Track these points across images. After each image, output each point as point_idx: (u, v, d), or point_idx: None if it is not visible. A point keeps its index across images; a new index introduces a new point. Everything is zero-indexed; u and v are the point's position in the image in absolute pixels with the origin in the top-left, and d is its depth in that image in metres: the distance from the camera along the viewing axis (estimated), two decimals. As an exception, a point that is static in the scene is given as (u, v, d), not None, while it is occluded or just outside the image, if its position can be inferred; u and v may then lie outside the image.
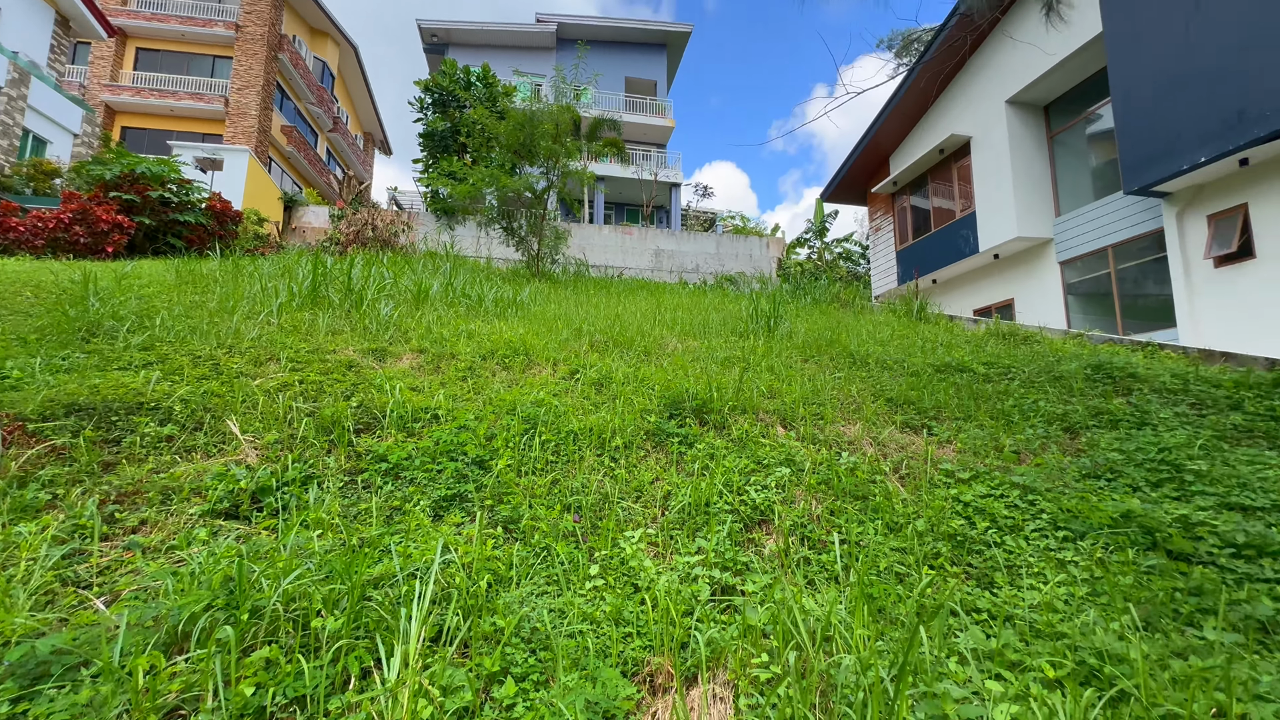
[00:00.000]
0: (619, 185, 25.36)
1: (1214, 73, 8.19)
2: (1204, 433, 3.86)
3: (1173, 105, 8.71)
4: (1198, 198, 9.04)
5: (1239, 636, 2.18)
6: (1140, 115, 9.21)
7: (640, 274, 18.84)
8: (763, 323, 6.45)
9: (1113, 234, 10.57)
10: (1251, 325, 8.19)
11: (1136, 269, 10.34)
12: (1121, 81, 9.56)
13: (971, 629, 2.07)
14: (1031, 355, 5.85)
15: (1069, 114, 11.93)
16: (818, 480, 3.14)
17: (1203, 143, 8.28)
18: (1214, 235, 8.75)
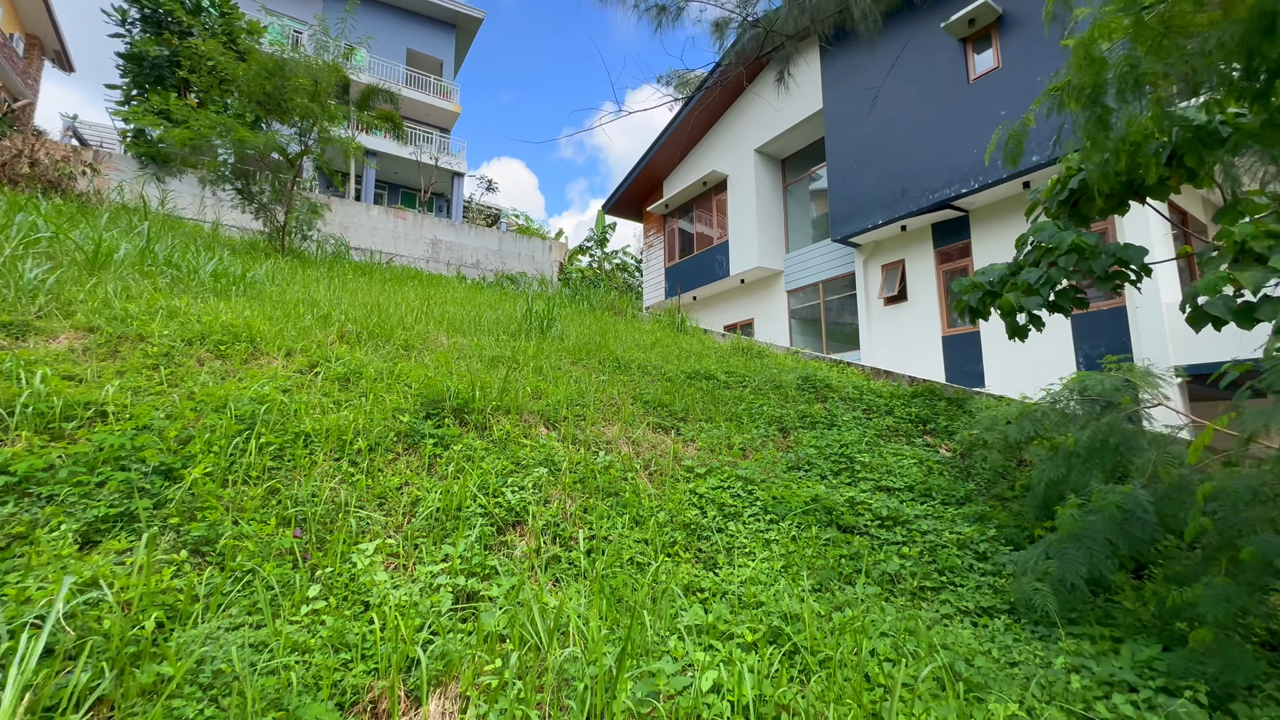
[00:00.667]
0: (394, 165, 23.21)
1: (888, 158, 10.74)
2: (869, 432, 4.96)
3: (864, 177, 11.18)
4: (876, 251, 11.74)
5: (878, 588, 2.83)
6: (844, 181, 11.62)
7: (414, 263, 17.45)
8: (536, 324, 6.47)
9: (823, 272, 13.11)
10: (904, 351, 10.90)
11: (838, 301, 12.99)
12: (834, 151, 11.95)
13: (694, 608, 2.31)
14: (762, 367, 6.90)
15: (798, 170, 14.50)
16: (574, 479, 3.23)
17: (879, 209, 10.78)
18: (884, 281, 11.44)
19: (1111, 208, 4.33)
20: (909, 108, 10.54)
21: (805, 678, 1.90)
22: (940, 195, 9.77)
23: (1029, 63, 8.67)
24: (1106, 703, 2.02)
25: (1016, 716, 1.84)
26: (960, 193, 9.47)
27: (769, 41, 4.77)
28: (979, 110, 9.30)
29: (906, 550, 3.19)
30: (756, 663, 1.85)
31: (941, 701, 1.78)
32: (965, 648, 2.27)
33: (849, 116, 11.69)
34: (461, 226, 18.98)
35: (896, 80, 10.66)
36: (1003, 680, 2.09)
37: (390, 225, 17.61)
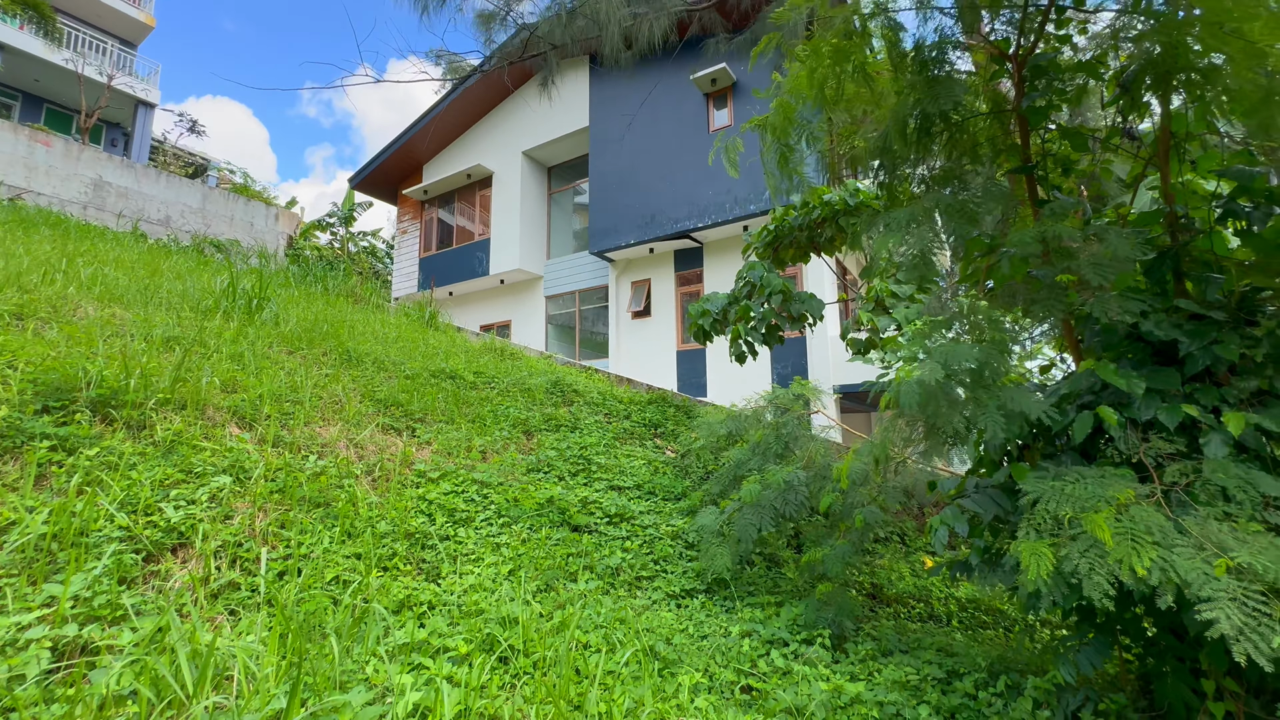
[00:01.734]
0: (34, 69, 17.11)
1: (643, 184, 11.77)
2: (608, 435, 5.27)
3: (622, 198, 12.03)
4: (628, 267, 12.71)
5: (600, 582, 2.98)
6: (604, 198, 12.34)
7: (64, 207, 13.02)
8: (244, 302, 5.36)
9: (581, 281, 13.69)
10: (646, 362, 11.98)
11: (593, 311, 13.68)
12: (596, 169, 12.60)
13: (409, 624, 2.12)
14: (513, 369, 6.84)
15: (564, 180, 14.93)
16: (272, 489, 2.72)
17: (632, 230, 11.72)
18: (633, 296, 12.45)
19: (799, 256, 5.39)
20: (662, 142, 11.71)
21: (517, 682, 1.88)
22: (681, 225, 11.04)
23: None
24: (766, 659, 2.45)
25: (699, 683, 2.10)
26: (697, 226, 10.84)
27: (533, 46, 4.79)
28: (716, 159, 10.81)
29: (629, 544, 3.44)
30: (467, 675, 1.76)
31: (639, 682, 1.94)
32: (667, 629, 2.52)
33: (612, 139, 12.48)
34: (145, 170, 14.90)
35: (654, 115, 11.76)
36: (694, 653, 2.37)
37: (22, 149, 12.93)
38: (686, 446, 5.54)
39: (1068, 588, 1.69)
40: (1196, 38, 1.86)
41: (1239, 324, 2.08)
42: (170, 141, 22.68)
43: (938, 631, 3.21)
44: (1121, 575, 1.54)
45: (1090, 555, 1.62)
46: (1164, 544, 1.58)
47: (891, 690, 2.29)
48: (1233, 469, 1.77)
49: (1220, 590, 1.44)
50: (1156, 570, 1.52)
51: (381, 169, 16.42)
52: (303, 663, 1.62)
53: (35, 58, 16.51)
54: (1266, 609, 1.42)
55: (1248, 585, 1.45)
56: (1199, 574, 1.47)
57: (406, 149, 15.92)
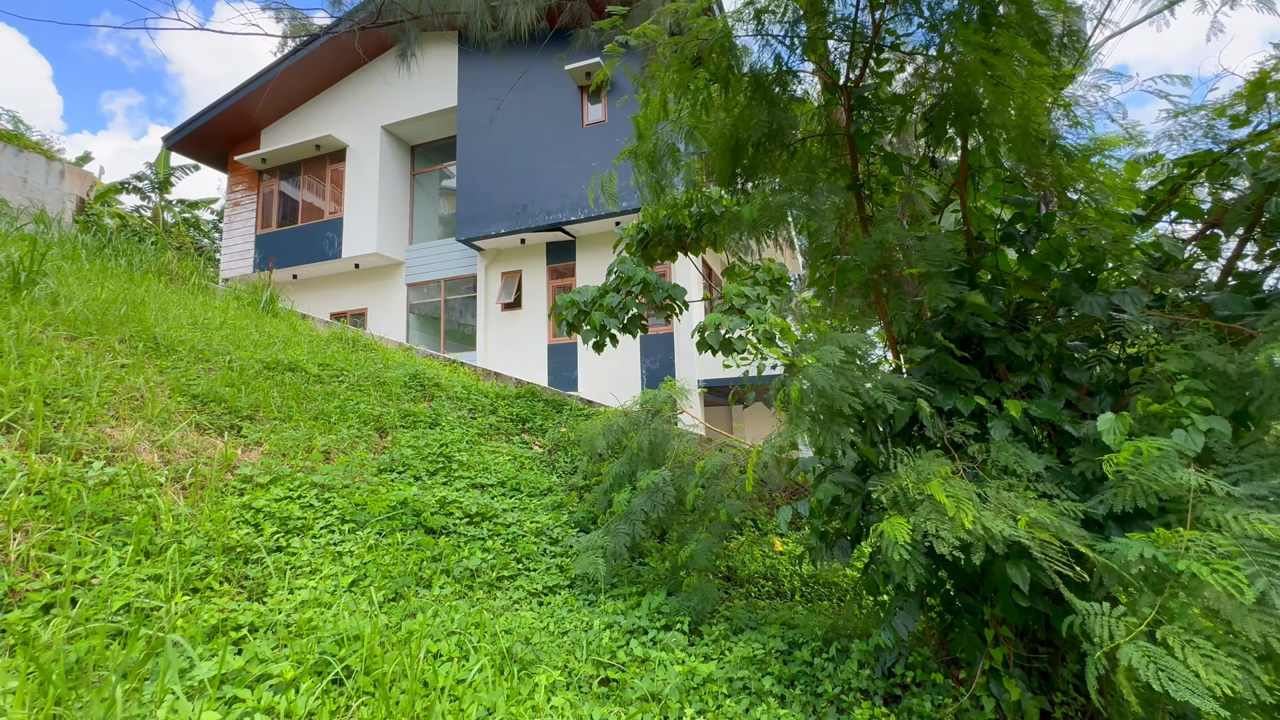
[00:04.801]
0: None
1: (514, 173, 11.42)
2: (471, 431, 5.04)
3: (492, 185, 11.57)
4: (498, 258, 12.28)
5: (457, 586, 2.84)
6: (473, 184, 11.78)
7: None
8: (5, 275, 4.34)
9: (447, 270, 12.97)
10: (516, 355, 11.67)
11: (460, 301, 13.02)
12: (465, 153, 11.99)
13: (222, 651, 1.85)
14: (366, 361, 6.29)
15: (429, 161, 14.02)
16: (37, 504, 2.23)
17: (503, 219, 11.34)
18: (503, 287, 12.06)
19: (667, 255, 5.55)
20: (536, 131, 11.43)
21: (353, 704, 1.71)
22: (554, 218, 10.88)
23: (627, 126, 10.53)
24: (626, 649, 2.48)
25: (557, 681, 2.07)
26: (569, 219, 10.75)
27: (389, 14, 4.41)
28: (589, 152, 10.77)
29: (490, 544, 3.31)
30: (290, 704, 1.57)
31: (493, 688, 1.86)
32: (526, 628, 2.46)
33: (483, 123, 11.94)
34: None
35: (528, 103, 11.44)
36: (553, 650, 2.34)
37: None
38: (555, 441, 5.48)
39: (923, 554, 1.91)
40: (981, 83, 2.18)
41: (1015, 329, 2.48)
42: (-100, 67, 17.80)
43: (782, 607, 3.48)
44: (956, 531, 1.77)
45: (934, 519, 1.84)
46: (976, 507, 1.85)
47: (740, 666, 2.43)
48: (1011, 449, 2.12)
49: (1025, 538, 1.72)
50: (979, 527, 1.76)
51: (208, 128, 14.26)
52: (66, 715, 1.33)
53: None
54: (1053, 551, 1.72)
55: (1035, 534, 1.75)
56: (1004, 528, 1.73)
57: (240, 109, 13.96)
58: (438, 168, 13.90)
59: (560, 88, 11.32)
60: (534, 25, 4.67)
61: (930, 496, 1.88)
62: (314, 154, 13.82)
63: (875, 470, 2.36)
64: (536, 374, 11.20)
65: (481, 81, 12.15)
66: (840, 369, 2.20)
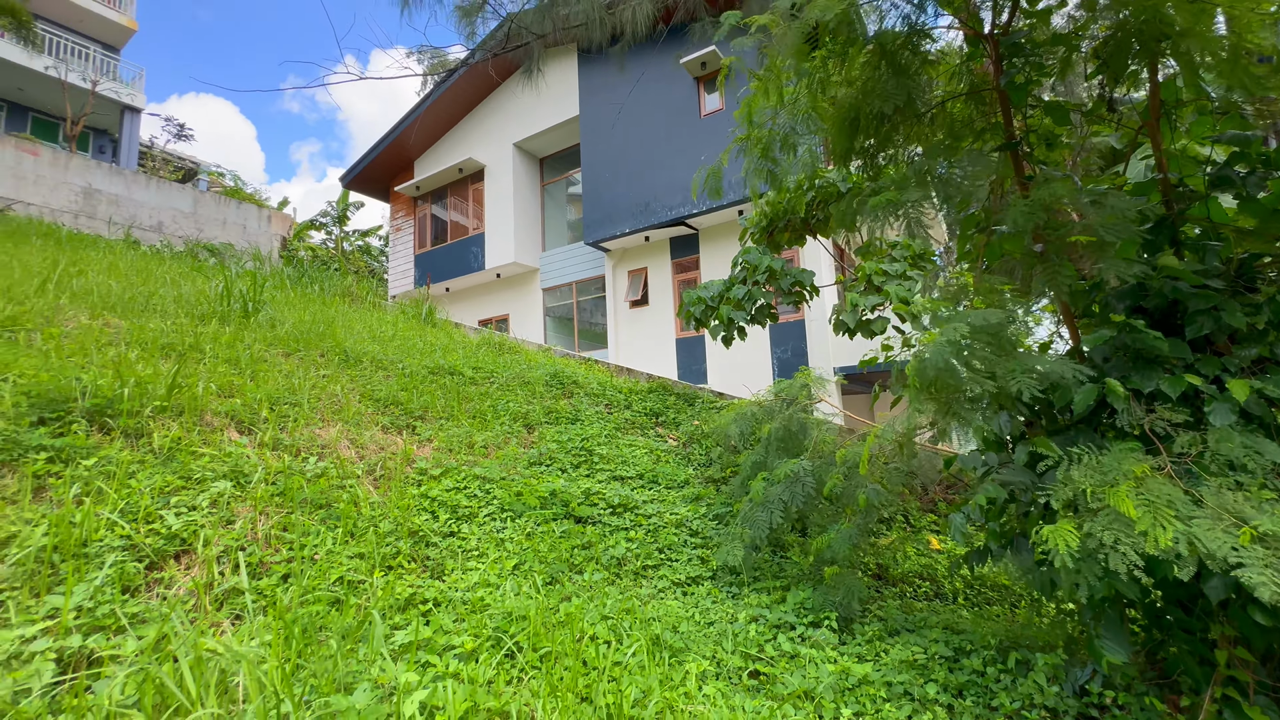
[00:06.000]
0: (19, 78, 16.93)
1: (635, 172, 11.67)
2: (609, 425, 5.27)
3: (615, 187, 11.94)
4: (624, 257, 12.65)
5: (605, 573, 2.99)
6: (597, 188, 12.25)
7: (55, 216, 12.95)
8: (239, 306, 5.33)
9: (577, 273, 13.63)
10: (645, 351, 11.96)
11: (590, 302, 13.63)
12: (588, 158, 12.50)
13: (415, 622, 2.12)
14: (512, 363, 6.82)
15: (556, 171, 14.81)
16: (272, 492, 2.72)
17: (627, 219, 11.65)
18: (630, 285, 12.40)
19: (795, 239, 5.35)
20: (654, 129, 11.59)
21: (524, 677, 1.89)
22: (676, 213, 10.96)
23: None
24: (774, 643, 2.45)
25: (707, 670, 2.10)
26: (691, 213, 10.77)
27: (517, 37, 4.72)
28: (708, 143, 10.70)
29: (633, 534, 3.44)
30: (473, 671, 1.77)
31: (646, 672, 1.94)
32: (673, 617, 2.52)
33: (603, 127, 12.36)
34: (135, 176, 14.81)
35: (645, 102, 11.64)
36: (700, 640, 2.38)
37: (9, 159, 12.82)
38: (689, 434, 5.54)
39: (1099, 569, 1.67)
40: (1171, 1, 1.83)
41: (1238, 291, 2.05)
42: (159, 146, 22.51)
43: (944, 610, 3.22)
44: (1147, 548, 1.53)
45: (1114, 529, 1.61)
46: (1182, 516, 1.57)
47: (899, 670, 2.29)
48: (1239, 438, 1.76)
49: (1253, 557, 1.43)
50: (1184, 542, 1.50)
51: (372, 166, 16.30)
52: (306, 666, 1.62)
53: (16, 66, 16.34)
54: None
55: (1275, 551, 1.44)
56: (1222, 544, 1.46)
57: (396, 145, 15.78)
58: (563, 176, 14.63)
59: (676, 82, 11.36)
60: (651, 25, 4.74)
61: (1111, 504, 1.62)
62: (457, 177, 15.22)
63: (1052, 465, 2.09)
64: (666, 368, 11.39)
65: (600, 88, 12.57)
66: (969, 347, 1.98)
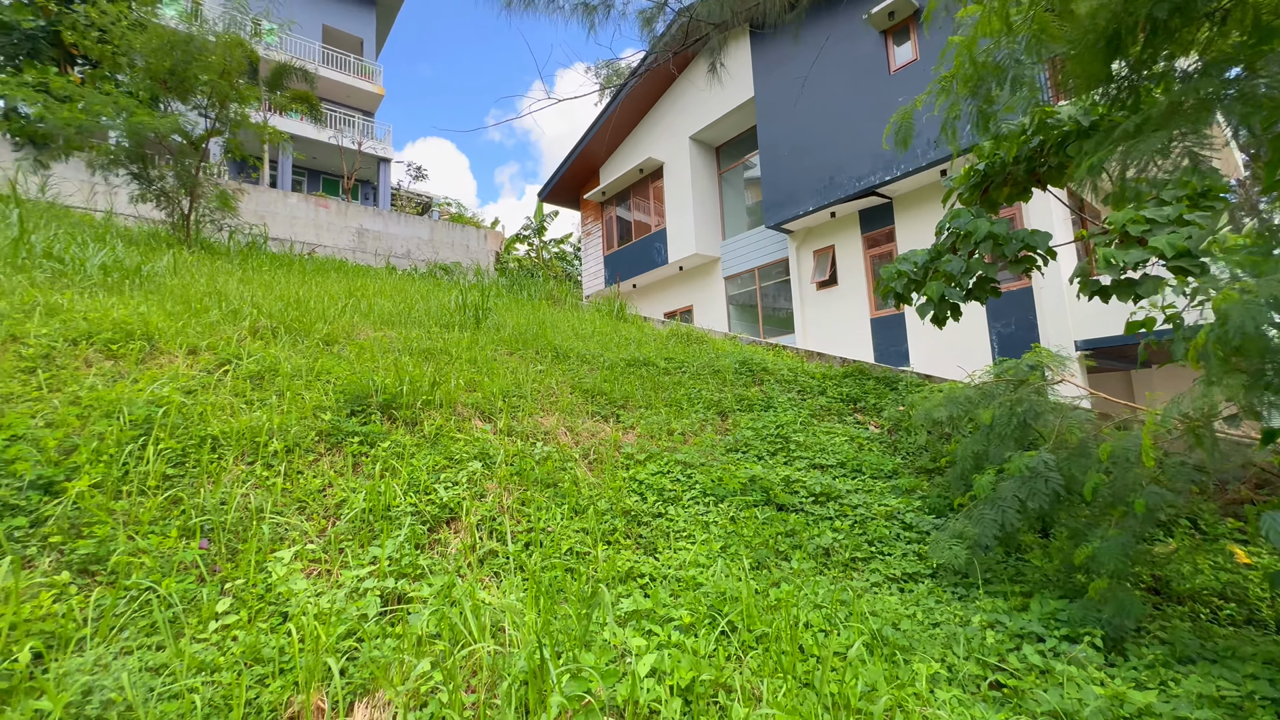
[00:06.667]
0: (313, 149, 21.87)
1: (817, 146, 11.05)
2: (803, 412, 5.11)
3: (795, 165, 11.46)
4: (808, 237, 12.09)
5: (813, 562, 2.92)
6: (776, 168, 11.87)
7: (339, 254, 16.55)
8: (471, 315, 6.27)
9: (759, 258, 13.40)
10: (836, 333, 11.32)
11: (773, 287, 13.32)
12: (765, 139, 12.17)
13: (634, 594, 2.31)
14: (700, 353, 6.98)
15: (732, 157, 14.70)
16: (511, 472, 3.16)
17: (810, 196, 11.10)
18: (816, 266, 11.81)
19: (1017, 194, 4.61)
20: (836, 97, 10.85)
21: (742, 655, 1.94)
22: (866, 182, 10.14)
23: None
24: (1018, 654, 2.17)
25: (938, 674, 1.94)
26: (884, 180, 9.87)
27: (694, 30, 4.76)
28: (900, 100, 9.70)
29: (839, 524, 3.31)
30: (694, 644, 1.86)
31: (869, 666, 1.85)
32: (892, 613, 2.37)
33: (779, 105, 11.93)
34: (390, 215, 18.16)
35: (823, 70, 10.95)
36: (926, 641, 2.20)
37: (311, 214, 16.62)
38: (893, 420, 5.13)
39: None
40: None
41: None
42: (404, 188, 27.34)
43: (1261, 639, 2.53)
44: None
45: None
46: None
47: (1198, 705, 1.87)
48: None
49: None
50: None
51: (563, 180, 17.85)
52: (554, 622, 1.86)
53: (311, 139, 21.09)
54: None
55: None
56: None
57: (583, 157, 17.07)
58: (740, 162, 14.45)
59: (859, 41, 10.50)
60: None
61: None
62: (638, 177, 15.94)
63: None
64: (860, 350, 10.66)
65: (774, 65, 12.14)
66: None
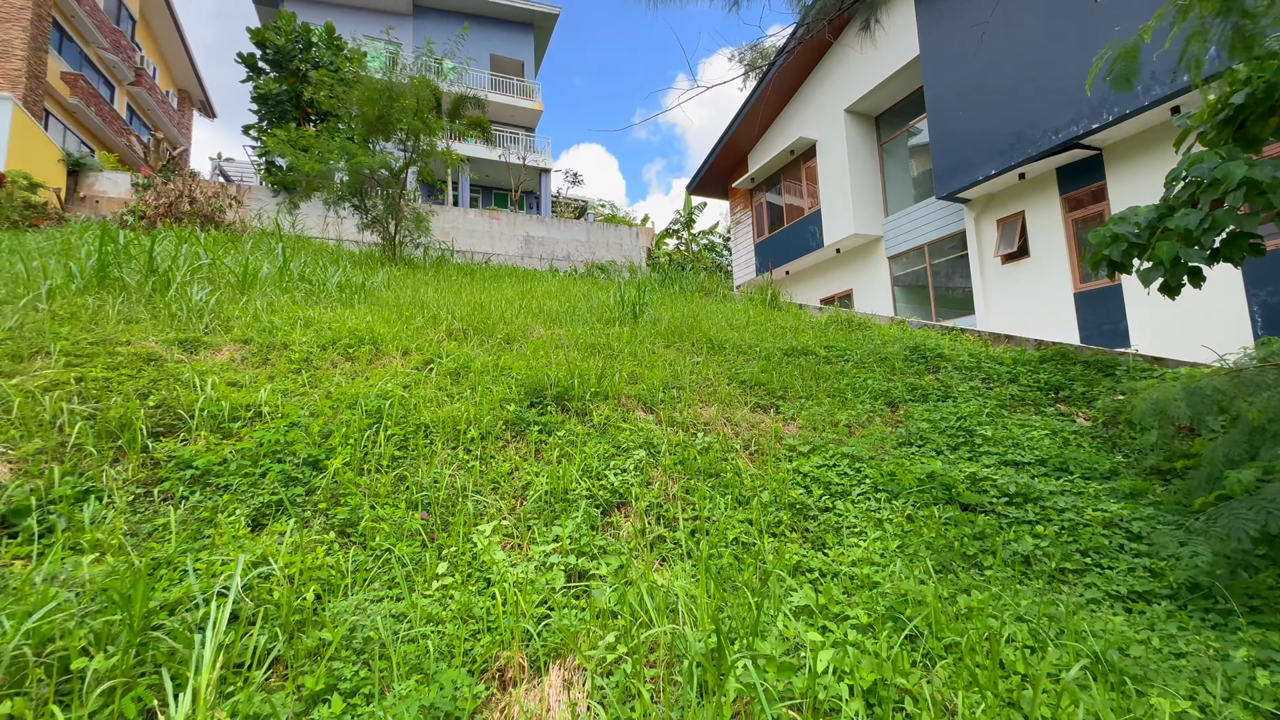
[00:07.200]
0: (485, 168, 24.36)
1: (1000, 100, 9.69)
2: (990, 403, 4.56)
3: (972, 125, 10.17)
4: (989, 204, 10.68)
5: (1010, 570, 2.61)
6: (948, 132, 10.65)
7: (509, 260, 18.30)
8: (629, 310, 6.55)
9: (928, 234, 12.16)
10: (1027, 312, 9.88)
11: (946, 264, 12.00)
12: (934, 101, 10.97)
13: (804, 588, 2.26)
14: (863, 339, 6.55)
15: (894, 125, 13.48)
16: (674, 461, 3.25)
17: (991, 159, 9.78)
18: (1001, 236, 10.40)
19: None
20: (1022, 40, 9.42)
21: (929, 663, 1.80)
22: (1066, 134, 8.67)
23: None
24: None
25: (1187, 714, 1.63)
26: (1090, 129, 8.36)
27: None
28: (1109, 31, 8.12)
29: (1041, 529, 2.91)
30: (874, 645, 1.77)
31: (1091, 693, 1.61)
32: (1118, 636, 2.03)
33: (950, 59, 10.67)
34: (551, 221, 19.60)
35: (1005, 10, 9.56)
36: (1166, 672, 1.85)
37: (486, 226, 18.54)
38: (1110, 411, 4.37)
39: None
40: None
41: None
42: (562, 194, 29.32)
43: None
44: None
45: None
46: None
47: None
48: None
49: None
50: None
51: (711, 171, 17.80)
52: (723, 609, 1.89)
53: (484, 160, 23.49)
54: None
55: None
56: None
57: (730, 145, 16.85)
58: (904, 130, 13.22)
59: (1052, -30, 9.00)
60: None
61: None
62: (789, 159, 15.34)
63: None
64: (1061, 331, 9.21)
65: (943, 15, 10.88)
66: None
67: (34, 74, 18.61)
